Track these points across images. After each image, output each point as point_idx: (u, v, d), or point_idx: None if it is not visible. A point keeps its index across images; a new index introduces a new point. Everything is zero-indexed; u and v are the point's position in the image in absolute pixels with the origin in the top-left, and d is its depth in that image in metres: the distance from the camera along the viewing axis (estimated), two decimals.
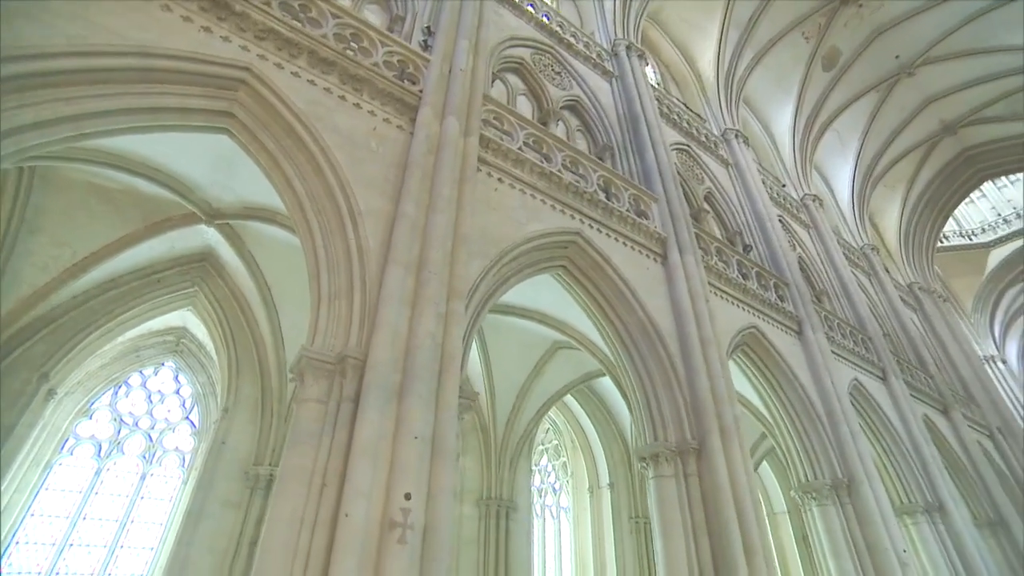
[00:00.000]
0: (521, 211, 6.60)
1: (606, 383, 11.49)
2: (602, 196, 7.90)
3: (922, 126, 21.14)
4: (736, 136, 14.79)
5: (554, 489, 15.49)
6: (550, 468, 15.91)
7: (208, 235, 7.45)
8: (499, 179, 6.61)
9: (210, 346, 9.18)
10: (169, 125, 4.80)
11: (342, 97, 5.53)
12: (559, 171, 7.38)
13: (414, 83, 6.30)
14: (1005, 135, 20.97)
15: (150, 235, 7.08)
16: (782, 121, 19.33)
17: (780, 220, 15.23)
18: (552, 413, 13.19)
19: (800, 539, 14.23)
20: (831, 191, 21.59)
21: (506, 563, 9.97)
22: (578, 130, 9.98)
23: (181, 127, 4.88)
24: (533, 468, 16.27)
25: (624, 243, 7.84)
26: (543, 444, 16.18)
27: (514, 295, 7.92)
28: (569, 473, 14.03)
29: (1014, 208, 27.94)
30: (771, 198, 15.29)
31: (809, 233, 16.56)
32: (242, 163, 5.38)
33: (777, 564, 7.94)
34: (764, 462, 15.25)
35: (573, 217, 7.30)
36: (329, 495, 3.77)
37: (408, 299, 4.67)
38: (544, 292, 7.93)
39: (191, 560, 7.31)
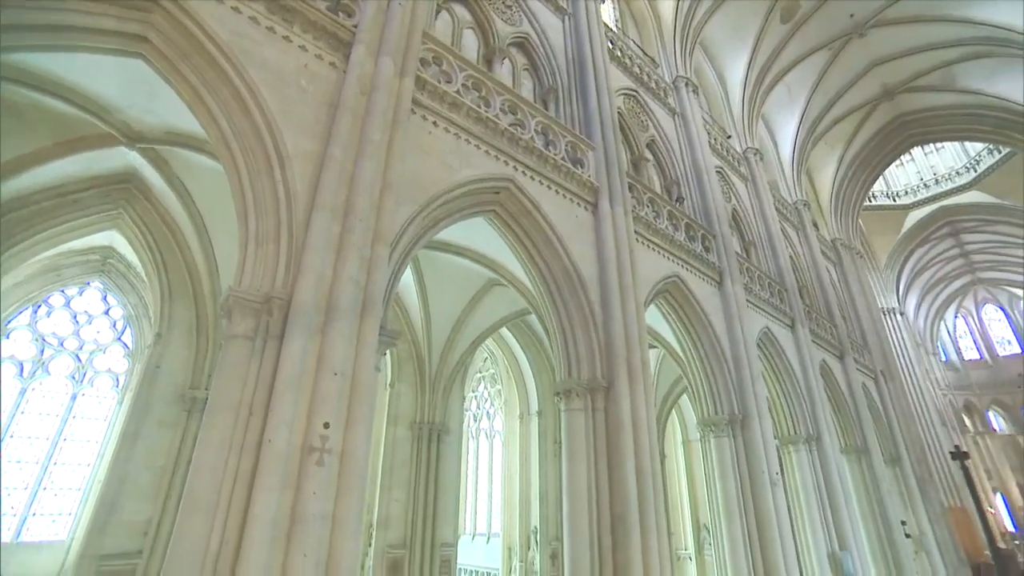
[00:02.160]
0: (454, 156, 6.69)
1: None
2: (538, 143, 8.04)
3: (865, 88, 21.84)
4: (686, 85, 14.92)
5: (488, 414, 16.61)
6: (486, 395, 16.95)
7: (131, 158, 7.16)
8: (434, 122, 6.63)
9: (140, 268, 9.04)
10: (80, 46, 4.56)
11: (271, 29, 5.31)
12: (496, 116, 7.43)
13: (349, 16, 6.07)
14: (935, 104, 22.07)
15: (62, 154, 6.72)
16: (736, 71, 19.45)
17: (719, 171, 15.82)
18: (490, 343, 13.85)
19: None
20: (775, 144, 22.29)
21: (436, 481, 10.88)
22: (525, 69, 9.86)
23: (92, 48, 4.64)
24: (471, 394, 17.29)
25: (556, 191, 8.11)
26: (481, 372, 17.10)
27: (450, 233, 8.14)
28: (503, 400, 15.01)
29: (934, 174, 29.79)
30: (713, 150, 15.76)
31: (747, 186, 17.29)
32: (165, 87, 5.18)
33: (663, 485, 9.02)
34: (684, 395, 16.79)
35: (507, 163, 7.45)
36: (255, 423, 4.13)
37: (334, 244, 4.85)
38: (480, 232, 8.16)
39: (130, 476, 7.65)
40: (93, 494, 7.86)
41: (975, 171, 27.75)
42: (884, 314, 28.53)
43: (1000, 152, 25.31)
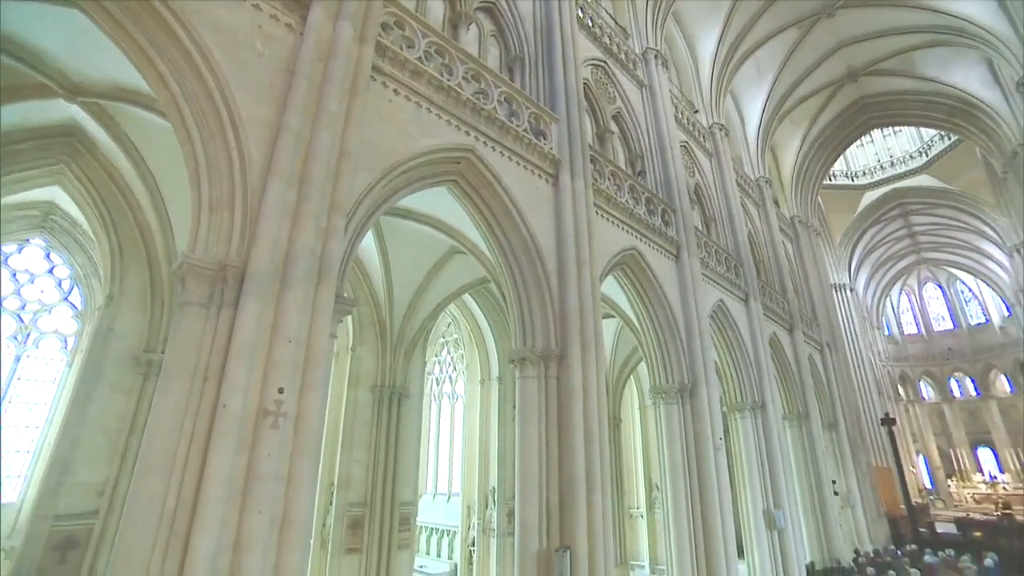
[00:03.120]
0: (414, 125, 6.66)
1: None
2: (501, 113, 8.04)
3: (832, 69, 22.24)
4: (656, 57, 14.92)
5: (451, 378, 16.96)
6: (450, 359, 17.25)
7: (72, 111, 6.84)
8: (394, 90, 6.56)
9: (87, 225, 8.72)
10: None
11: None
12: (459, 85, 7.37)
13: None
14: (896, 89, 22.73)
15: None
16: (707, 44, 19.46)
17: (684, 146, 16.06)
18: (453, 309, 14.01)
19: None
20: (742, 120, 22.60)
21: (396, 443, 11.16)
22: (492, 35, 9.71)
23: None
24: (434, 358, 17.56)
25: (517, 162, 8.17)
26: (444, 337, 17.35)
27: (412, 200, 8.14)
28: (465, 365, 15.33)
29: (891, 156, 30.86)
30: (679, 124, 15.93)
31: (711, 162, 17.62)
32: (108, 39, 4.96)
33: (618, 448, 9.52)
34: (642, 363, 17.47)
35: (468, 133, 7.44)
36: (210, 388, 4.21)
37: (289, 212, 4.85)
38: (441, 200, 8.17)
39: (82, 439, 7.60)
40: (44, 456, 7.80)
41: (927, 156, 28.92)
42: (836, 290, 29.96)
43: (950, 139, 26.32)
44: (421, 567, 14.55)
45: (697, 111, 18.07)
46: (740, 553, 13.86)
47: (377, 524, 10.54)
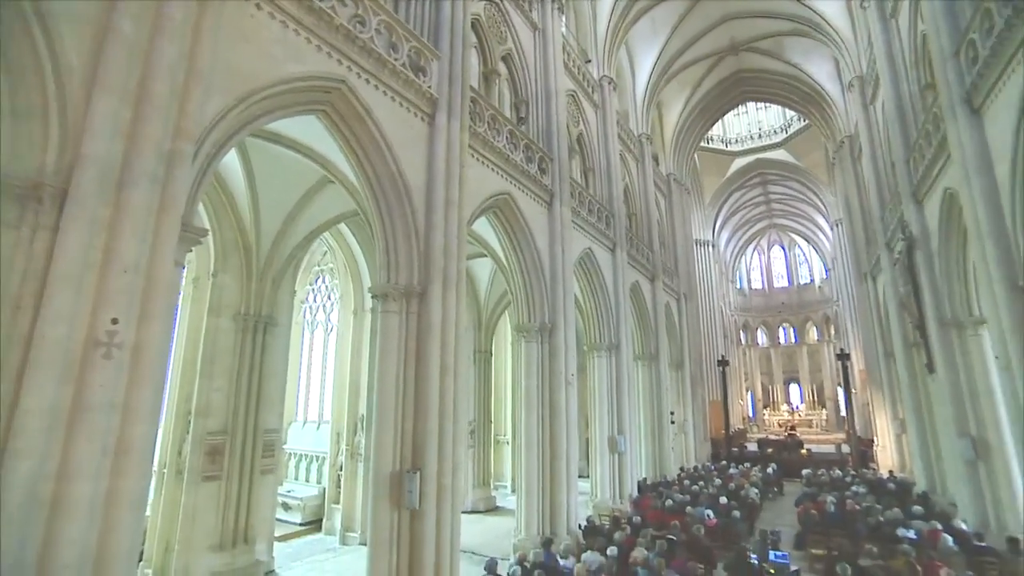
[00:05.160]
0: (280, 47, 6.26)
1: None
2: (379, 45, 7.74)
3: (717, 39, 23.56)
4: (553, 1, 14.85)
5: (325, 308, 16.76)
6: (325, 288, 16.97)
7: None
8: (256, 4, 6.06)
9: None
10: None
11: None
12: (332, 8, 6.94)
13: None
14: (767, 68, 24.81)
15: None
16: None
17: (572, 95, 16.51)
18: (329, 239, 13.65)
19: None
20: (633, 75, 23.42)
21: (261, 371, 11.00)
22: None
23: None
24: (308, 287, 17.14)
25: (393, 98, 8.02)
26: (320, 266, 16.94)
27: (281, 124, 7.74)
28: (339, 295, 15.21)
29: (760, 128, 34.05)
30: (570, 73, 16.25)
31: (596, 114, 18.30)
32: None
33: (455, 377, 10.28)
34: None
35: (341, 63, 7.14)
36: (24, 318, 3.98)
37: (123, 132, 4.48)
38: (312, 127, 7.80)
39: None
40: None
41: (786, 132, 32.34)
42: (700, 245, 33.27)
43: (804, 121, 29.54)
44: (289, 492, 14.90)
45: (589, 61, 18.41)
46: (587, 473, 16.00)
47: (239, 451, 10.52)
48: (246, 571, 9.92)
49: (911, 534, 9.80)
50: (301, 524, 14.09)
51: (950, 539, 9.46)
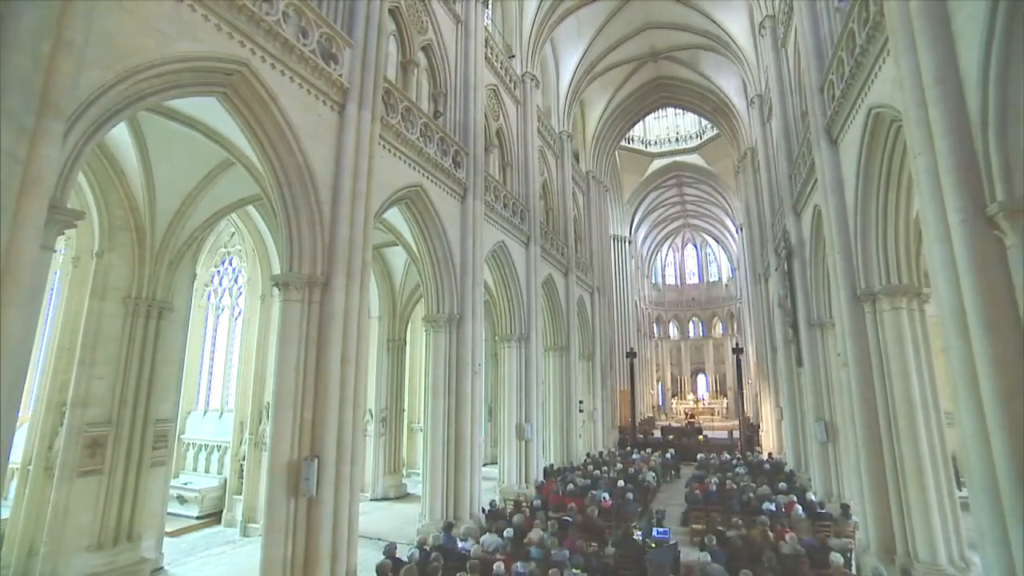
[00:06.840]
0: (169, 23, 5.97)
1: None
2: (287, 29, 7.55)
3: (639, 45, 24.62)
4: None
5: (230, 292, 16.06)
6: (231, 272, 16.24)
7: None
8: None
9: None
10: None
11: None
12: None
13: None
14: (683, 77, 26.30)
15: None
16: None
17: (494, 90, 16.73)
18: (237, 221, 13.10)
19: None
20: (557, 73, 24.00)
21: (154, 358, 10.44)
22: None
23: None
24: (213, 270, 16.33)
25: (300, 84, 7.87)
26: (227, 247, 16.18)
27: (180, 102, 7.40)
28: (246, 279, 14.64)
29: (678, 133, 36.04)
30: (492, 67, 16.44)
31: (517, 109, 18.65)
32: None
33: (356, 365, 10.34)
34: None
35: (243, 44, 6.91)
36: None
37: None
38: (213, 108, 7.49)
39: None
40: None
41: (700, 139, 34.45)
42: (618, 241, 34.84)
43: (715, 129, 31.64)
44: (186, 484, 14.26)
45: (513, 56, 18.68)
46: (496, 459, 16.52)
47: (125, 443, 9.94)
48: (129, 570, 9.45)
49: (772, 507, 11.14)
50: (198, 517, 13.56)
51: (801, 509, 10.91)
